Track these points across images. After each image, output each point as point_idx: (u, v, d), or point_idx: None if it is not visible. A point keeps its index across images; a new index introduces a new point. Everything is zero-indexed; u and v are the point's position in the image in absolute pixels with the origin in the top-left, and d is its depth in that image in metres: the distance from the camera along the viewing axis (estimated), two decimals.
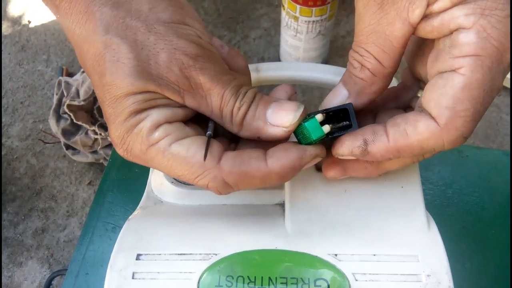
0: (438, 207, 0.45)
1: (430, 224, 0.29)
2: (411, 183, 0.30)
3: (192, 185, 0.34)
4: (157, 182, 0.35)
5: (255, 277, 0.27)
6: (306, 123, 0.26)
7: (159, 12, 0.25)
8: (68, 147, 1.00)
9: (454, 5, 0.22)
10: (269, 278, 0.27)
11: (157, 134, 0.25)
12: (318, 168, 0.32)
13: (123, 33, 0.25)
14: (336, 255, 0.27)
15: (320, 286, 0.26)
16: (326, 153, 0.27)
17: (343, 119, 0.27)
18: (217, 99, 0.25)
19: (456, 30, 0.22)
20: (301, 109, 0.26)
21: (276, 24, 0.83)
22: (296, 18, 0.67)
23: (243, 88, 0.26)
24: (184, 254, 0.28)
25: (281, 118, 0.26)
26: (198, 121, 0.28)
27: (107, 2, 0.25)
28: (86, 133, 0.96)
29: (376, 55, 0.25)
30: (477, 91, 0.22)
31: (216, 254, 0.28)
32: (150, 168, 0.37)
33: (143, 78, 0.24)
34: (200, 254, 0.28)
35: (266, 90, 0.75)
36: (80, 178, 0.94)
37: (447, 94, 0.22)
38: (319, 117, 0.26)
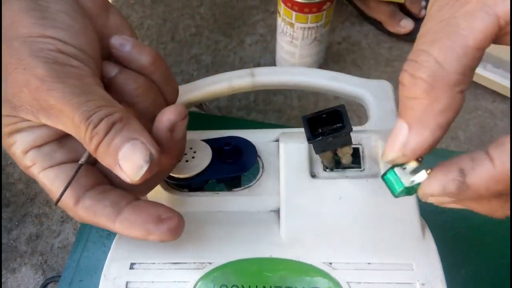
0: (432, 213, 0.45)
1: (425, 232, 0.29)
2: None
3: (186, 191, 0.34)
4: None
5: (249, 286, 0.27)
6: (385, 176, 0.22)
7: (19, 26, 0.24)
8: None
9: None
10: (264, 287, 0.27)
11: (26, 161, 0.26)
12: (313, 175, 0.32)
13: None
14: (330, 263, 0.27)
15: None
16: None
17: (336, 122, 0.27)
18: (69, 121, 0.23)
19: None
20: (145, 168, 0.23)
21: (272, 30, 0.83)
22: (291, 25, 0.67)
23: (97, 114, 0.23)
24: (178, 263, 0.28)
25: (127, 168, 0.23)
26: None
27: None
28: None
29: (437, 56, 0.19)
30: None
31: (210, 263, 0.28)
32: None
33: (3, 100, 0.24)
34: (194, 263, 0.28)
35: (262, 96, 0.75)
36: None
37: None
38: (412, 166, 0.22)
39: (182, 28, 0.85)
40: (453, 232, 0.44)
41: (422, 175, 0.21)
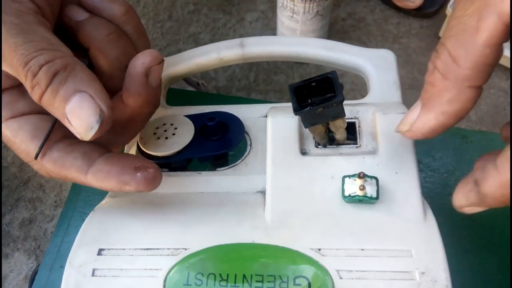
0: (439, 196, 0.42)
1: (427, 214, 0.26)
2: (405, 169, 0.27)
3: (167, 171, 0.31)
4: None
5: (227, 274, 0.24)
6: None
7: None
8: None
9: None
10: (244, 276, 0.24)
11: None
12: (304, 152, 0.29)
13: None
14: (319, 249, 0.24)
15: (300, 284, 0.23)
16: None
17: (328, 91, 0.24)
18: (9, 64, 0.21)
19: None
20: (96, 127, 0.21)
21: (273, 6, 0.80)
22: None
23: (36, 60, 0.21)
24: (150, 249, 0.25)
25: (76, 126, 0.22)
26: None
27: None
28: None
29: (451, 50, 0.21)
30: None
31: (185, 249, 0.25)
32: None
33: None
34: (168, 249, 0.25)
35: (262, 75, 0.72)
36: None
37: None
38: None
39: (180, 6, 0.82)
40: (460, 215, 0.41)
41: (357, 192, 0.25)
